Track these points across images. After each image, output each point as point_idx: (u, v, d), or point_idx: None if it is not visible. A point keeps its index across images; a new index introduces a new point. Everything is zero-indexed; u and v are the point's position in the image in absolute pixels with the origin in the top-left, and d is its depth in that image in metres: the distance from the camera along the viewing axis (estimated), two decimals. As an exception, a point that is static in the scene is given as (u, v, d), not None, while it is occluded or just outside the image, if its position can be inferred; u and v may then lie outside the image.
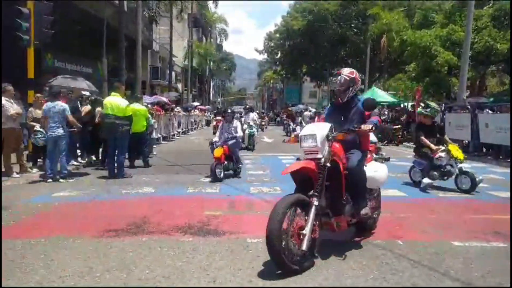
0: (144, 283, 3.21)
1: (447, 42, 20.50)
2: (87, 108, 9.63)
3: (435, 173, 7.16)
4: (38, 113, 8.20)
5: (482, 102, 16.45)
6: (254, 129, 14.82)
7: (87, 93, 10.62)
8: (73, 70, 16.65)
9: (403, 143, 17.25)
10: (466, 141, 13.49)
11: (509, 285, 3.11)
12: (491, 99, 19.14)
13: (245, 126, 13.46)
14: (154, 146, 13.10)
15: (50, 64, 15.42)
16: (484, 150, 12.83)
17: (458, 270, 3.53)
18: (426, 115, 7.72)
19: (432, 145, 7.23)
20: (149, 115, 10.78)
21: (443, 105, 17.03)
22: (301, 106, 39.58)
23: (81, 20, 17.14)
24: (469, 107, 13.89)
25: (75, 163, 9.24)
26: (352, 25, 36.97)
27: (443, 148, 7.20)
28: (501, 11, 20.57)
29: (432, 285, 3.26)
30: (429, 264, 3.64)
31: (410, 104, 22.74)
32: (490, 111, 13.68)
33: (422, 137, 7.37)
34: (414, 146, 8.38)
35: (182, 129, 21.89)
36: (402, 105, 23.66)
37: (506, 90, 22.61)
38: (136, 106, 9.67)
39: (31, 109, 8.58)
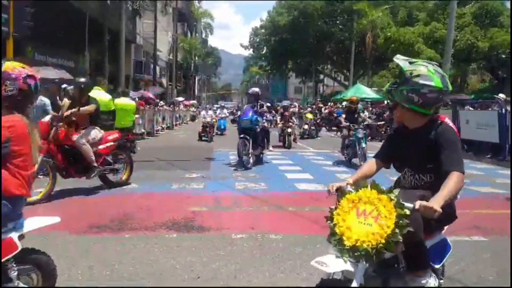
0: (128, 280, 3.17)
1: (430, 40, 20.86)
2: (67, 102, 9.40)
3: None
4: None
5: (464, 99, 16.78)
6: None
7: (69, 87, 10.36)
8: (54, 63, 16.27)
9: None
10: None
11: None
12: (472, 96, 19.54)
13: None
14: (137, 141, 12.94)
15: (30, 56, 15.04)
16: (465, 146, 13.07)
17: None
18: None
19: None
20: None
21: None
22: (285, 102, 39.53)
23: (63, 13, 16.75)
24: (450, 103, 14.13)
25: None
26: (338, 21, 37.10)
27: None
28: (483, 9, 20.99)
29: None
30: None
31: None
32: (471, 108, 13.96)
33: None
34: None
35: (167, 124, 21.68)
36: (385, 102, 23.95)
37: (486, 87, 23.10)
38: (125, 100, 9.60)
39: None
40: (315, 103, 31.73)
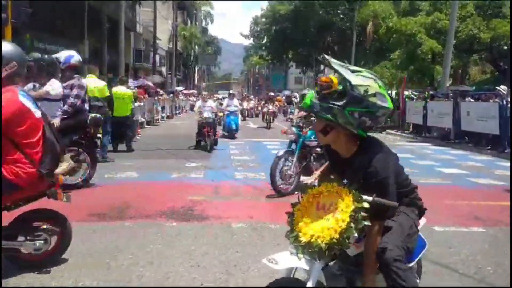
0: (127, 267, 3.18)
1: (431, 30, 20.65)
2: None
3: None
4: None
5: (465, 90, 16.69)
6: None
7: None
8: (53, 51, 16.16)
9: (387, 130, 17.64)
10: (448, 129, 13.71)
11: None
12: (474, 88, 19.44)
13: None
14: (138, 130, 12.91)
15: (29, 44, 14.93)
16: (466, 138, 13.03)
17: (438, 254, 3.60)
18: None
19: None
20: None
21: (427, 93, 17.26)
22: (286, 92, 39.53)
23: (62, 0, 16.58)
24: (451, 94, 14.08)
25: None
26: (339, 11, 36.78)
27: None
28: (485, 0, 20.79)
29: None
30: (411, 249, 3.71)
31: (394, 92, 22.98)
32: (472, 100, 13.90)
33: None
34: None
35: (166, 113, 21.62)
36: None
37: (488, 78, 23.02)
38: (122, 89, 9.55)
39: None
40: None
